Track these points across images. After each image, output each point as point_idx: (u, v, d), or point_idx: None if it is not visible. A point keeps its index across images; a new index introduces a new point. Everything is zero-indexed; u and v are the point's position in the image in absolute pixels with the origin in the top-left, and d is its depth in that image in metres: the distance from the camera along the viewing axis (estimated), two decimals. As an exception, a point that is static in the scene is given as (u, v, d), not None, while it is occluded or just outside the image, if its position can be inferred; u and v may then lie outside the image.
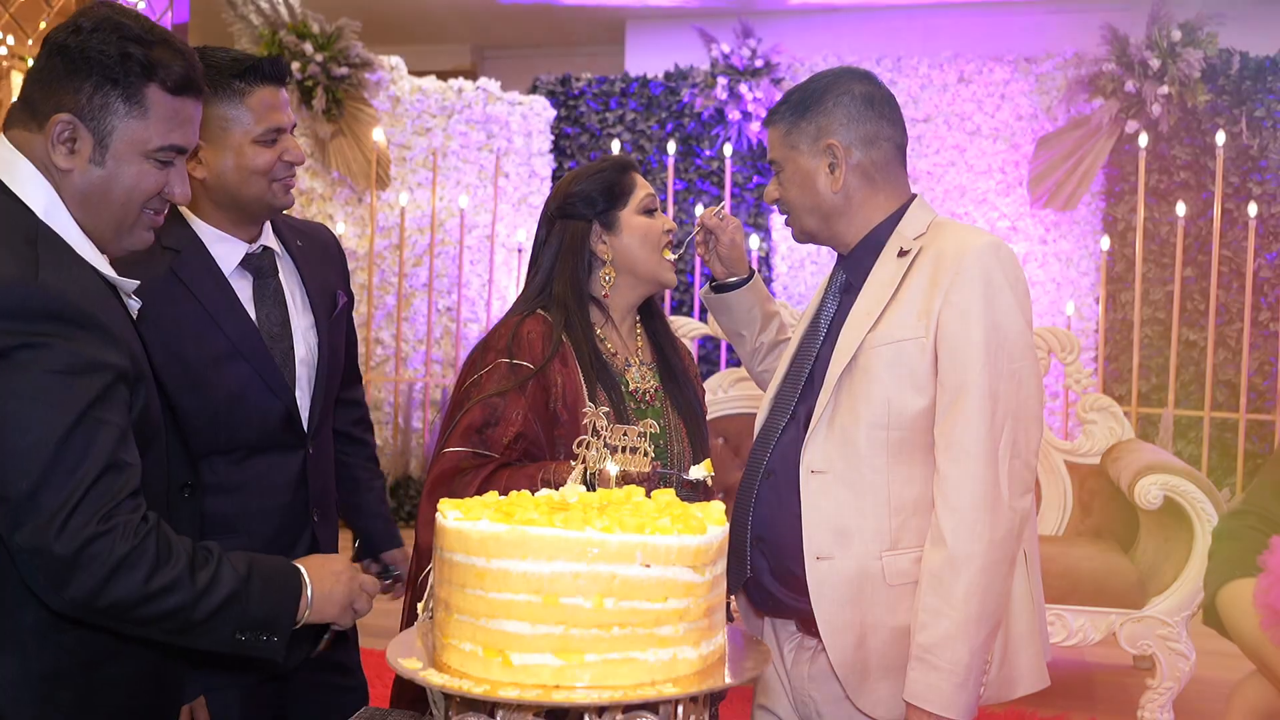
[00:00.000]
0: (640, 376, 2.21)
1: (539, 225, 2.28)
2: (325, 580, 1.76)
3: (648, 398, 2.20)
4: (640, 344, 2.27)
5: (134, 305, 1.74)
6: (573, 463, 2.04)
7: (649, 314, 2.31)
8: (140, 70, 1.63)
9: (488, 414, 2.06)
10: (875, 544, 1.94)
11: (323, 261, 2.32)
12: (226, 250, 2.13)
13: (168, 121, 1.66)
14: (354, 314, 2.47)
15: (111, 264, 1.71)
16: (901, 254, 2.01)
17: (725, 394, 4.77)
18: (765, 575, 2.05)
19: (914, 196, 2.10)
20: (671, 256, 2.23)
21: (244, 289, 2.14)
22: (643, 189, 2.23)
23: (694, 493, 1.99)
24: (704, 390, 2.37)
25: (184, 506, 1.83)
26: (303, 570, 1.74)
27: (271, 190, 2.11)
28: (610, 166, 2.25)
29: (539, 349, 2.11)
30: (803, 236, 2.13)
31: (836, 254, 2.16)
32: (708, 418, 4.58)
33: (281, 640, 1.69)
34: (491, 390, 2.07)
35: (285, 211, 2.25)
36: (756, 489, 2.07)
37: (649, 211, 2.22)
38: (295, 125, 2.18)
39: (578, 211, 2.21)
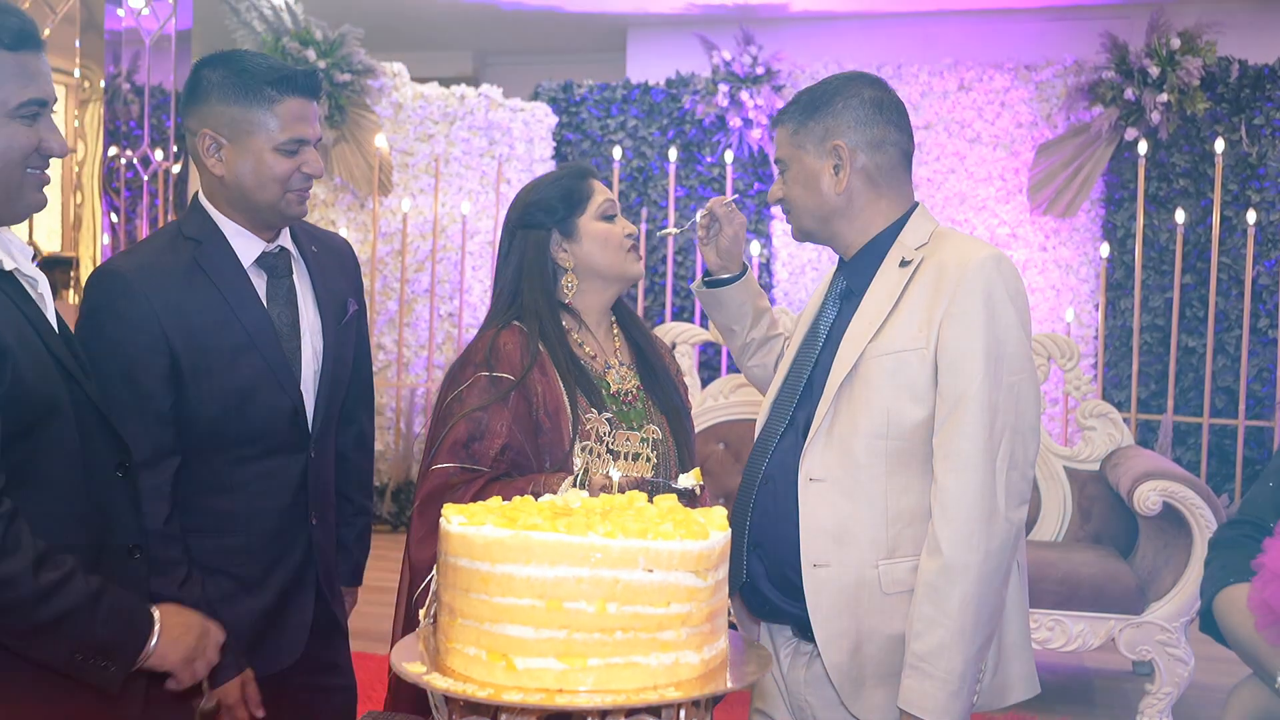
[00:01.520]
0: (620, 378, 2.21)
1: (501, 238, 2.28)
2: (174, 629, 1.76)
3: (629, 398, 2.21)
4: (618, 345, 2.27)
5: (38, 280, 1.77)
6: (575, 463, 2.06)
7: (622, 313, 2.31)
8: None
9: (473, 428, 2.07)
10: (872, 552, 1.95)
11: (337, 270, 2.33)
12: (245, 245, 2.15)
13: (18, 78, 1.68)
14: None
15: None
16: (903, 264, 2.01)
17: (726, 400, 4.78)
18: (762, 581, 2.07)
19: (916, 204, 2.11)
20: (675, 231, 2.27)
21: (258, 286, 2.17)
22: (601, 194, 2.23)
23: (682, 500, 2.01)
24: (685, 386, 2.39)
25: (118, 485, 1.83)
26: (155, 614, 1.75)
27: (285, 199, 2.12)
28: (567, 174, 2.25)
29: (517, 359, 2.11)
30: (802, 235, 2.14)
31: (837, 260, 2.17)
32: (710, 424, 4.62)
33: (119, 672, 1.68)
34: (474, 405, 2.08)
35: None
36: (755, 495, 2.08)
37: (608, 217, 2.22)
38: (320, 140, 2.19)
39: (537, 221, 2.21)
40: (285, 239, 2.23)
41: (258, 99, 2.08)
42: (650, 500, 1.48)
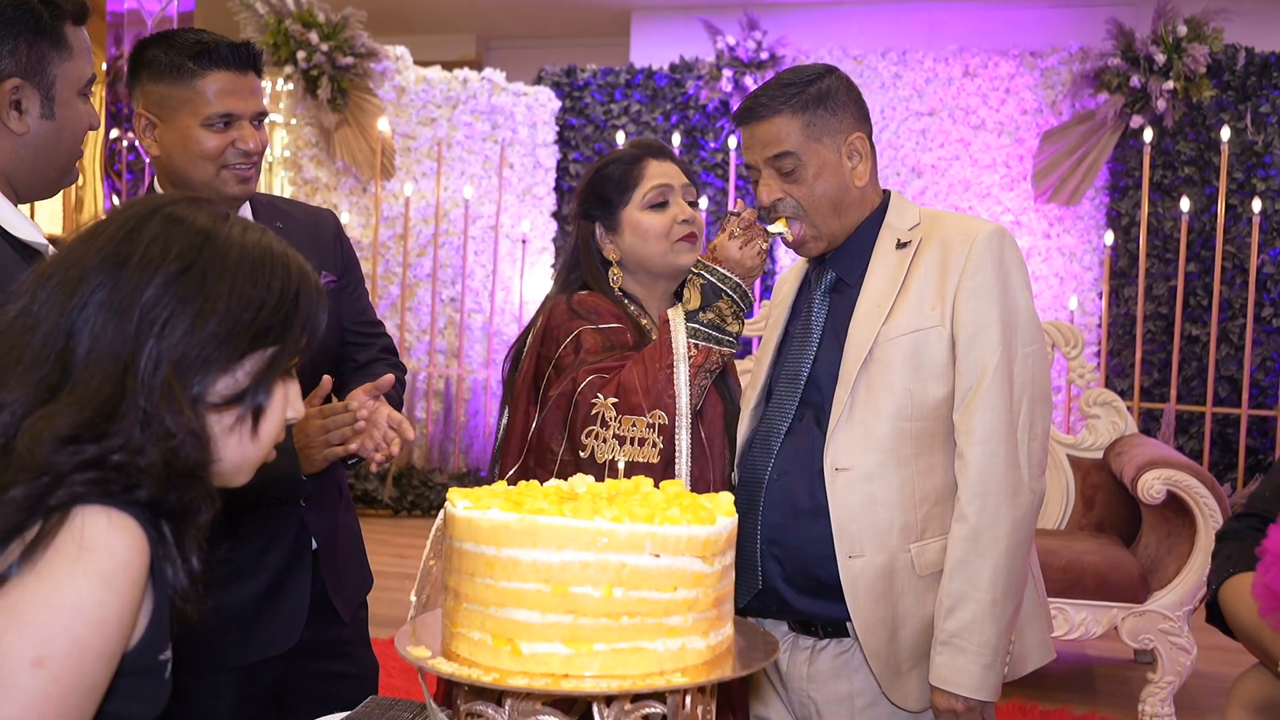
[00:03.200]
0: None
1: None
2: None
3: None
4: None
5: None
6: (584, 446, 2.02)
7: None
8: None
9: (605, 340, 2.05)
10: (903, 537, 1.95)
11: (305, 242, 2.19)
12: None
13: (86, 54, 1.72)
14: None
15: None
16: (900, 246, 2.01)
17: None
18: (778, 581, 2.03)
19: (888, 191, 2.12)
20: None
21: None
22: (652, 180, 2.16)
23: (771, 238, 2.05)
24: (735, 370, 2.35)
25: None
26: None
27: (220, 177, 2.05)
28: (618, 159, 2.21)
29: (606, 308, 2.11)
30: (819, 242, 2.05)
31: (811, 257, 2.13)
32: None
33: None
34: (596, 345, 2.06)
35: (293, 197, 2.21)
36: (765, 493, 2.04)
37: (657, 205, 2.16)
38: (263, 115, 2.11)
39: (584, 210, 2.20)
40: (246, 213, 2.16)
41: (179, 74, 2.02)
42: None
